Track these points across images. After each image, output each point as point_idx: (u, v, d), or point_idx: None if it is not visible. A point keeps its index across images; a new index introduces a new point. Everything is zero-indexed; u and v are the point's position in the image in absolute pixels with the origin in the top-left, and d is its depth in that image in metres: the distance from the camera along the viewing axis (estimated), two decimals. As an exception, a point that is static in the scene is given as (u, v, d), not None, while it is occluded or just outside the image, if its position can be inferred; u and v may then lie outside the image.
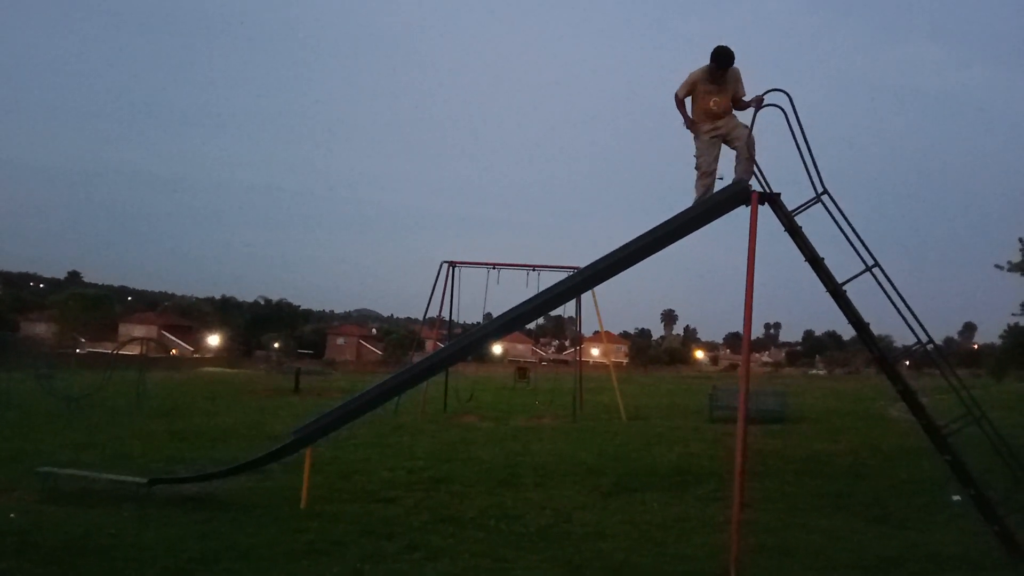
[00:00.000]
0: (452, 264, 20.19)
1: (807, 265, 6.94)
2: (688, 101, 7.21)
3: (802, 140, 6.68)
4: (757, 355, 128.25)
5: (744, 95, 7.10)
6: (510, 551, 6.64)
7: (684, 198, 7.34)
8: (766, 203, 6.84)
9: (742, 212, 6.95)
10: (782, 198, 6.86)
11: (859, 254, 6.72)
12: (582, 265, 8.09)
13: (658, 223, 7.31)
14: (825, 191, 6.76)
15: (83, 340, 75.17)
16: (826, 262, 6.85)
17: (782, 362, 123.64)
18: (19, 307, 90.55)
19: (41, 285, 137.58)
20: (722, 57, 6.86)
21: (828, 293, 6.88)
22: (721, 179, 7.17)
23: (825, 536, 7.45)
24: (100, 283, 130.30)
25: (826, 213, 6.76)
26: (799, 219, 6.88)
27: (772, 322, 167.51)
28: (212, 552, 6.30)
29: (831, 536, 7.47)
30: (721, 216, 7.26)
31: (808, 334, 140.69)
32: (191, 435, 14.29)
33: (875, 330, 7.09)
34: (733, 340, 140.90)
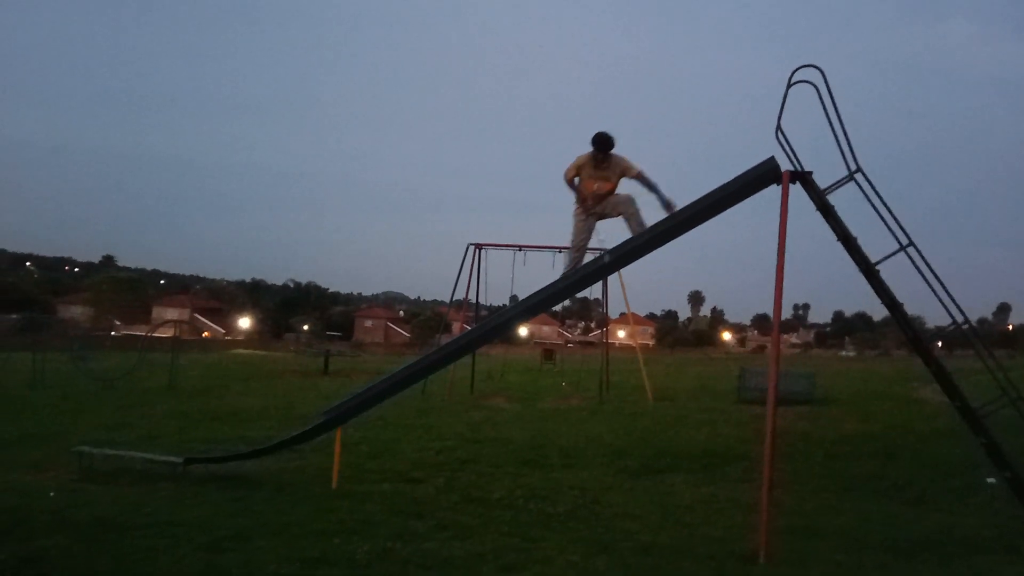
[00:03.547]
0: (479, 246, 20.17)
1: (836, 245, 6.81)
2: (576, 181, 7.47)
3: (835, 117, 6.55)
4: (786, 336, 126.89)
5: (634, 171, 7.27)
6: (538, 531, 6.68)
7: (711, 178, 7.30)
8: (797, 182, 6.73)
9: (771, 192, 6.85)
10: (813, 176, 6.74)
11: (893, 233, 6.58)
12: (609, 247, 8.04)
13: (684, 204, 7.24)
14: (859, 169, 6.62)
15: (117, 322, 76.57)
16: (858, 242, 6.73)
17: (811, 343, 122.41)
18: (55, 290, 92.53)
19: (76, 269, 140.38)
20: (602, 143, 7.13)
21: (861, 273, 6.77)
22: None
23: (856, 518, 7.39)
24: (133, 267, 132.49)
25: (859, 192, 6.63)
26: (831, 198, 6.76)
27: (801, 303, 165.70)
28: (245, 530, 6.42)
29: (862, 518, 7.40)
30: (750, 196, 7.17)
31: (838, 315, 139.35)
32: (224, 415, 14.51)
33: (907, 310, 6.97)
34: (761, 321, 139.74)
